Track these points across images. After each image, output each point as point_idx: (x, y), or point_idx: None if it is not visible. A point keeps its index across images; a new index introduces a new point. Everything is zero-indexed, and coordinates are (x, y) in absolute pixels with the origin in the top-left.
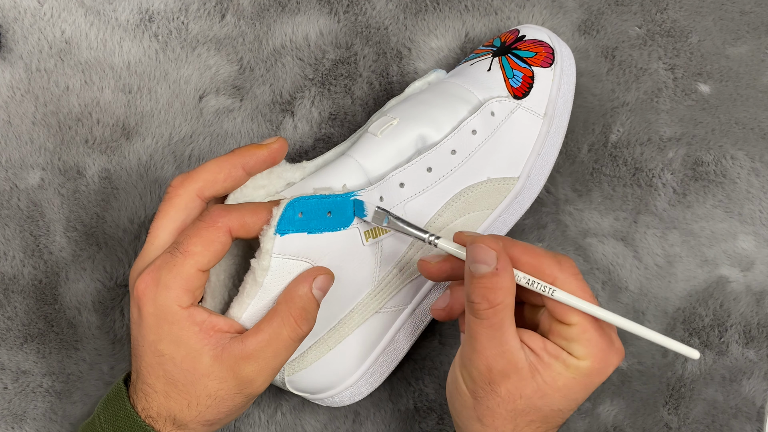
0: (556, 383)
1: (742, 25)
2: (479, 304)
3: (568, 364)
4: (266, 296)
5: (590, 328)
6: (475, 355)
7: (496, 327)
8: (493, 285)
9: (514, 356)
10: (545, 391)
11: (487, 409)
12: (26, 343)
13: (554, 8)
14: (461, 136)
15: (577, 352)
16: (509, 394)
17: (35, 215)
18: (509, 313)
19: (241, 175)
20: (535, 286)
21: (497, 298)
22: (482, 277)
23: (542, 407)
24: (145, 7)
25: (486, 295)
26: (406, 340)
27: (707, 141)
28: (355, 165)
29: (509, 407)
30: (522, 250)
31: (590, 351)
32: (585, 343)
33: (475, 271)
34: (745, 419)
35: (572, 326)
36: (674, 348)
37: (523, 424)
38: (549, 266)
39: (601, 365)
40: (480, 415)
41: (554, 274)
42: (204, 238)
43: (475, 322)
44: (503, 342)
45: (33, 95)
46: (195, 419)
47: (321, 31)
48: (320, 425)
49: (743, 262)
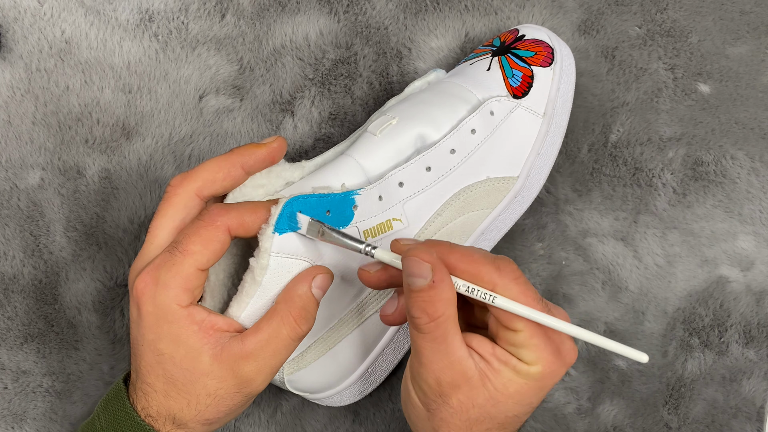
0: (508, 390)
1: (742, 25)
2: (419, 318)
3: (518, 370)
4: (265, 295)
5: (537, 333)
6: (423, 368)
7: (440, 340)
8: (431, 298)
9: (462, 366)
10: (498, 399)
11: (441, 420)
12: (26, 343)
13: (554, 8)
14: (460, 136)
15: (527, 357)
16: (461, 405)
17: (35, 215)
18: (452, 324)
19: (240, 175)
20: (475, 293)
21: (437, 311)
22: (420, 291)
23: (496, 415)
24: (145, 7)
25: (425, 309)
26: (406, 340)
27: (707, 141)
28: (354, 164)
29: (463, 417)
30: (459, 257)
31: (539, 356)
32: (533, 349)
33: (411, 284)
34: (745, 419)
35: (518, 332)
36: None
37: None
38: (488, 273)
39: (551, 369)
40: (435, 426)
41: (493, 280)
42: (203, 237)
43: (419, 337)
44: (449, 353)
45: (33, 95)
46: (194, 418)
47: (321, 31)
48: (320, 425)
49: (743, 262)
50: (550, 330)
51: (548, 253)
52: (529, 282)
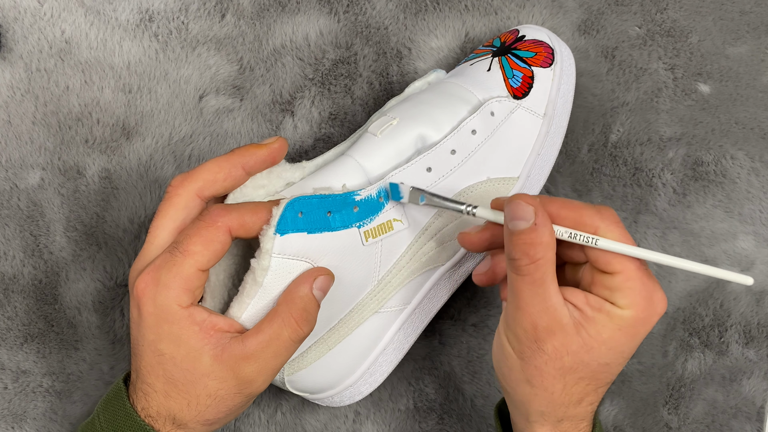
0: (601, 336)
1: (742, 25)
2: (520, 260)
3: (612, 315)
4: (266, 296)
5: (633, 277)
6: (519, 313)
7: (539, 283)
8: (533, 240)
9: (557, 312)
10: (591, 345)
11: (534, 368)
12: (26, 343)
13: (554, 8)
14: (461, 136)
15: (621, 301)
16: (556, 351)
17: (35, 215)
18: (551, 269)
19: (241, 175)
20: (577, 238)
21: (537, 253)
22: (521, 233)
23: (590, 362)
24: (145, 7)
25: (526, 251)
26: (406, 340)
27: (707, 141)
28: (355, 165)
29: (557, 365)
30: (560, 205)
31: (634, 300)
32: (628, 292)
33: (513, 228)
34: (745, 419)
35: (615, 275)
36: (725, 277)
37: (572, 382)
38: (590, 217)
39: (645, 314)
40: (528, 376)
41: (595, 224)
42: (204, 238)
43: (518, 280)
44: (546, 298)
45: (33, 95)
46: (195, 419)
47: (321, 31)
48: (320, 425)
49: (743, 262)
50: (645, 277)
51: None
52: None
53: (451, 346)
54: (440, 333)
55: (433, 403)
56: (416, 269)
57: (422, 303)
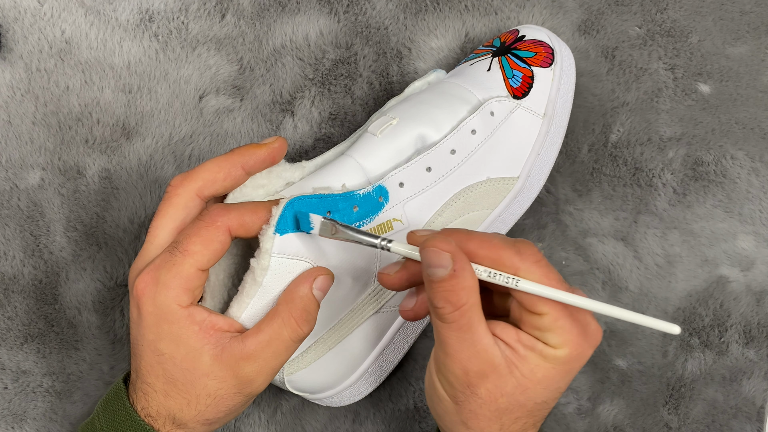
0: (536, 375)
1: (742, 25)
2: (443, 308)
3: (545, 355)
4: (266, 296)
5: (562, 316)
6: (449, 359)
7: (465, 328)
8: (453, 287)
9: (489, 354)
10: (526, 386)
11: (470, 412)
12: (26, 343)
13: (554, 8)
14: (461, 136)
15: (553, 341)
16: (490, 394)
17: (35, 215)
18: (477, 312)
19: (241, 175)
20: (497, 278)
21: (460, 300)
22: (441, 281)
23: (525, 402)
24: (145, 7)
25: (448, 299)
26: (405, 340)
27: (707, 141)
28: (355, 165)
29: (492, 407)
30: (479, 244)
31: (566, 338)
32: (559, 332)
33: (431, 275)
34: (745, 419)
35: (543, 315)
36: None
37: (509, 422)
38: (509, 257)
39: (578, 351)
40: (464, 418)
41: (515, 264)
42: (203, 238)
43: (443, 327)
44: (475, 342)
45: (33, 95)
46: (194, 418)
47: (321, 31)
48: (320, 425)
49: (743, 262)
50: (575, 312)
51: (548, 253)
52: (550, 265)
53: None
54: None
55: None
56: None
57: None
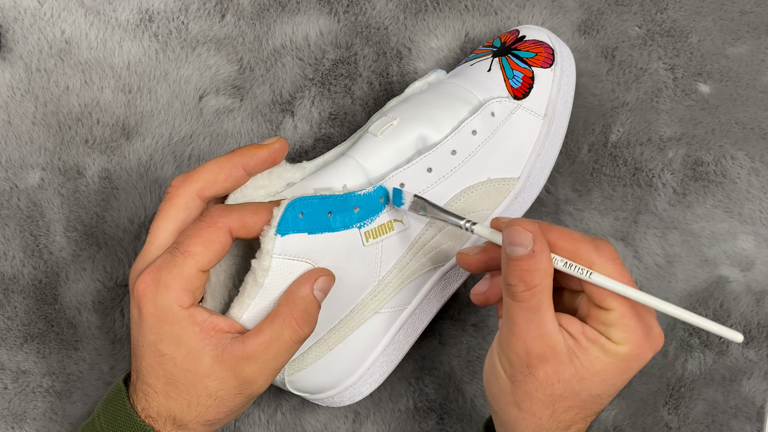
0: (594, 367)
1: (742, 25)
2: (516, 286)
3: (606, 349)
4: (267, 297)
5: (629, 314)
6: (513, 338)
7: (534, 309)
8: (530, 267)
9: (552, 339)
10: (583, 375)
11: (525, 393)
12: (26, 343)
13: (554, 8)
14: (461, 137)
15: (616, 337)
16: (547, 378)
17: (35, 215)
18: (547, 296)
19: (242, 175)
20: (572, 269)
21: (534, 280)
22: (519, 260)
23: (580, 392)
24: (145, 7)
25: (523, 277)
26: (406, 341)
27: (707, 141)
28: (356, 165)
29: (547, 392)
30: (558, 235)
31: (628, 336)
32: (623, 329)
33: (511, 253)
34: (745, 419)
35: (610, 311)
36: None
37: (561, 409)
38: (586, 251)
39: (639, 351)
40: (518, 399)
41: (591, 258)
42: (204, 238)
43: (513, 305)
44: (541, 325)
45: (33, 95)
46: (195, 419)
47: (321, 31)
48: (320, 425)
49: (743, 262)
50: (642, 313)
51: None
52: (625, 266)
53: (451, 346)
54: (440, 333)
55: (433, 403)
56: (416, 270)
57: (422, 303)
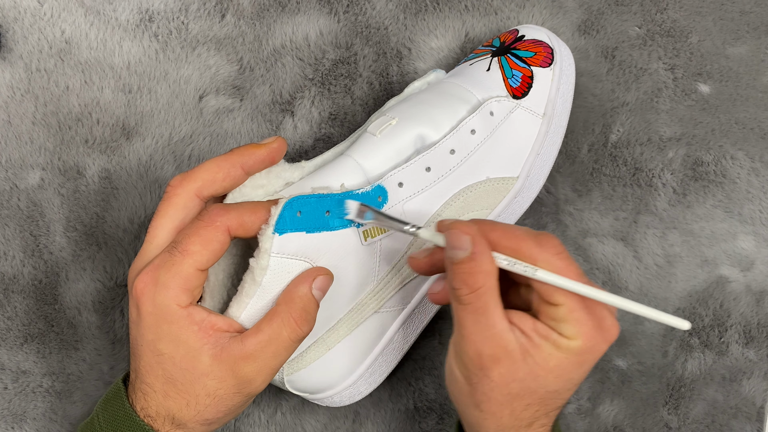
0: (548, 364)
1: (742, 25)
2: (460, 289)
3: (558, 345)
4: (265, 296)
5: (577, 308)
6: (464, 341)
7: (481, 311)
8: (471, 269)
9: (503, 339)
10: (538, 373)
11: (482, 394)
12: (26, 343)
13: (554, 8)
14: (460, 136)
15: (567, 332)
16: (502, 378)
17: (35, 215)
18: (493, 296)
19: (240, 175)
20: (515, 267)
21: (477, 282)
22: (460, 263)
23: (537, 389)
24: (145, 7)
25: (465, 280)
26: (405, 340)
27: (707, 141)
28: (354, 164)
29: (504, 391)
30: (501, 233)
31: (580, 330)
32: (574, 323)
33: (452, 257)
34: (745, 419)
35: (559, 306)
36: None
37: (520, 408)
38: (528, 248)
39: (592, 344)
40: (477, 401)
41: (534, 255)
42: (203, 238)
43: (460, 308)
44: (490, 326)
45: (33, 95)
46: (194, 418)
47: (321, 31)
48: (320, 425)
49: (743, 262)
50: (592, 305)
51: None
52: (571, 258)
53: None
54: (440, 333)
55: (433, 403)
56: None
57: (422, 303)
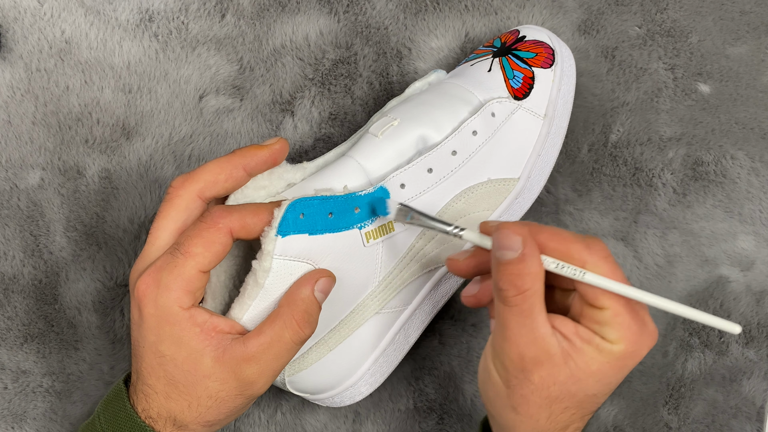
0: (590, 368)
1: (742, 25)
2: (507, 291)
3: (600, 349)
4: (267, 297)
5: (622, 312)
6: (507, 343)
7: (526, 314)
8: (520, 271)
9: (546, 342)
10: (579, 377)
11: (521, 397)
12: (26, 343)
13: (554, 8)
14: (462, 137)
15: (610, 335)
16: (543, 381)
17: (35, 215)
18: (539, 299)
19: (242, 176)
20: (564, 270)
21: (525, 284)
22: (509, 264)
23: (576, 393)
24: (145, 7)
25: (513, 282)
26: (406, 341)
27: (707, 141)
28: (356, 166)
29: (543, 394)
30: (549, 236)
31: (623, 334)
32: (617, 327)
33: (501, 257)
34: (745, 419)
35: (604, 310)
36: (713, 323)
37: (558, 411)
38: (578, 251)
39: (634, 348)
40: (514, 403)
41: (583, 258)
42: (205, 239)
43: (505, 310)
44: (534, 329)
45: (33, 95)
46: (195, 420)
47: (321, 31)
48: (320, 425)
49: (743, 262)
50: (635, 310)
51: None
52: (617, 263)
53: (451, 346)
54: (440, 333)
55: (433, 403)
56: (417, 270)
57: (423, 304)
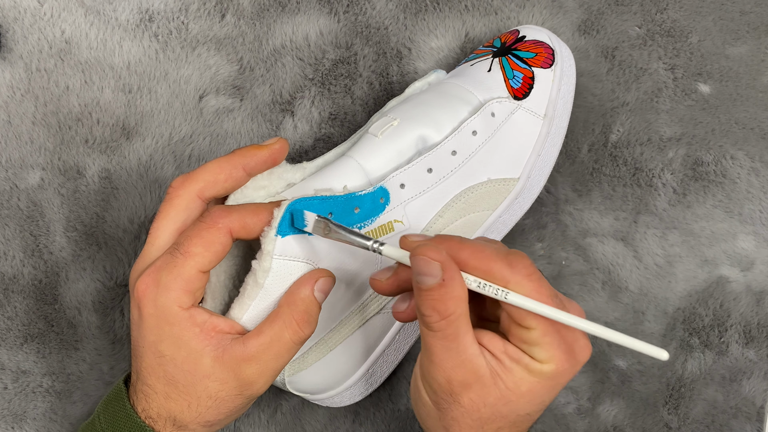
0: (520, 389)
1: (742, 25)
2: (430, 316)
3: (530, 369)
4: (267, 297)
5: (551, 331)
6: (433, 367)
7: (451, 338)
8: (441, 296)
9: (473, 364)
10: (509, 398)
11: (452, 419)
12: (26, 343)
13: (554, 8)
14: (462, 137)
15: (539, 355)
16: (472, 404)
17: (35, 215)
18: (464, 322)
19: (242, 176)
20: (486, 289)
21: (448, 309)
22: (430, 290)
23: (508, 414)
24: (145, 7)
25: (436, 307)
26: (406, 341)
27: (707, 141)
28: (356, 166)
29: (474, 416)
30: (470, 253)
31: (553, 354)
32: (546, 347)
33: (421, 283)
34: (745, 419)
35: (531, 330)
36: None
37: (490, 431)
38: (499, 269)
39: (565, 367)
40: (446, 425)
41: (505, 277)
42: (205, 239)
43: (429, 335)
44: (460, 352)
45: (33, 95)
46: (195, 420)
47: (321, 31)
48: (320, 425)
49: (743, 262)
50: (564, 327)
51: (548, 253)
52: (543, 278)
53: None
54: None
55: None
56: None
57: None
